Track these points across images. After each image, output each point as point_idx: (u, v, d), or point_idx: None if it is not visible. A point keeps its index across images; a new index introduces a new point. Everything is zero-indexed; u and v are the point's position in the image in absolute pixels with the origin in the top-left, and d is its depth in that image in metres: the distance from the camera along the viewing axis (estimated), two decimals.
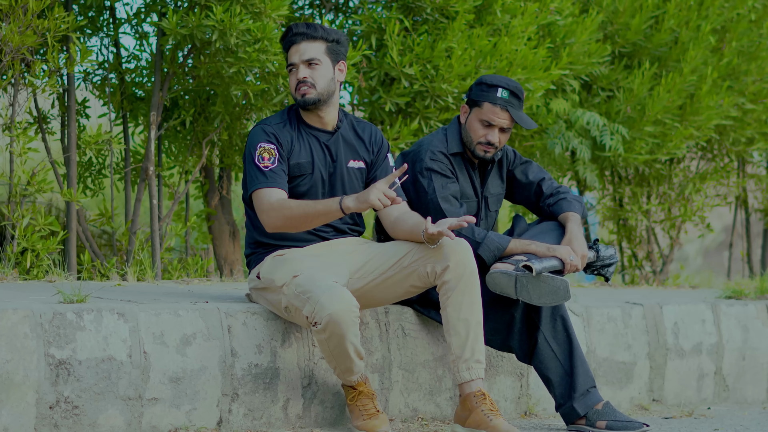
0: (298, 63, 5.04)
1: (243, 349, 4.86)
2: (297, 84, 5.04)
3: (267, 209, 4.90)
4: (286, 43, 5.08)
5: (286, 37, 5.08)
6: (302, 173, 5.03)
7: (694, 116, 8.00)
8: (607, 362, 6.01)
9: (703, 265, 16.15)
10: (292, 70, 5.06)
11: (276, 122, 5.08)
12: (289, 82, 5.09)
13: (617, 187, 8.73)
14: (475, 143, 5.36)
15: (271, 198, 4.90)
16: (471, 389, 4.91)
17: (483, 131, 5.34)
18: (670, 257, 8.90)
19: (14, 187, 6.08)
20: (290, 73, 5.08)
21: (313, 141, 5.08)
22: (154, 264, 6.40)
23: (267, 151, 4.97)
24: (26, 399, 4.37)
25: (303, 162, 5.03)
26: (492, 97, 5.32)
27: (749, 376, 6.61)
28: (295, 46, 5.05)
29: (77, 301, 4.64)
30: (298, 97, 5.04)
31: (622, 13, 7.93)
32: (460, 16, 6.73)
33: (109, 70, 6.69)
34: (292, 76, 5.06)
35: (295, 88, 5.05)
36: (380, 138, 5.21)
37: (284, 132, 5.04)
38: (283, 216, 4.87)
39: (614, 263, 5.39)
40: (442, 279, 4.91)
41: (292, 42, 5.06)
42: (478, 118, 5.35)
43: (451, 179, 5.33)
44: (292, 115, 5.13)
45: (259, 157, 4.96)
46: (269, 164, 4.95)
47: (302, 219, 4.87)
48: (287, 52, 5.09)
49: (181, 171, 6.96)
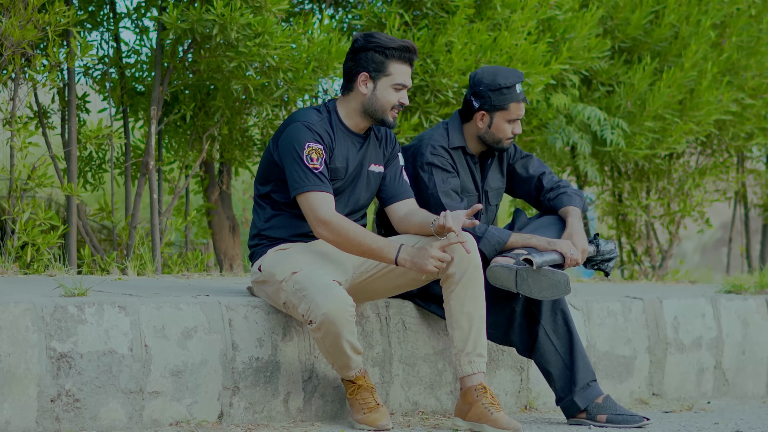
0: (408, 87, 5.01)
1: (244, 342, 4.86)
2: (398, 106, 4.99)
3: (323, 220, 4.80)
4: (402, 57, 4.97)
5: (403, 51, 4.97)
6: (336, 178, 4.98)
7: (693, 111, 8.00)
8: (608, 356, 6.01)
9: (701, 261, 16.16)
10: (398, 89, 4.97)
11: (316, 120, 4.95)
12: (386, 96, 4.96)
13: (616, 183, 8.73)
14: (504, 140, 5.38)
15: (328, 209, 4.82)
16: (472, 383, 4.92)
17: (511, 127, 5.36)
18: (669, 252, 8.90)
19: (15, 181, 6.08)
20: (393, 90, 4.96)
21: (349, 145, 5.02)
22: (154, 258, 6.40)
23: (315, 152, 4.87)
24: (28, 392, 4.37)
25: (339, 167, 4.97)
26: (515, 96, 5.33)
27: (749, 371, 6.62)
28: (410, 68, 4.99)
29: (78, 295, 4.64)
30: (390, 118, 4.98)
31: (622, 8, 7.94)
32: (460, 10, 6.74)
33: (109, 64, 6.69)
34: (396, 94, 4.97)
35: (392, 106, 4.97)
36: (393, 138, 5.20)
37: (325, 133, 4.94)
38: (336, 235, 4.81)
39: (614, 258, 5.40)
40: (445, 272, 4.91)
41: (408, 62, 4.99)
42: (505, 120, 5.35)
43: (451, 173, 5.34)
44: (330, 114, 5.03)
45: (308, 157, 4.85)
46: (318, 165, 4.85)
47: (353, 247, 4.83)
48: (398, 66, 4.97)
49: (181, 166, 6.96)
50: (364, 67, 4.97)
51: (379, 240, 4.82)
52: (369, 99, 4.97)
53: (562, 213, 5.43)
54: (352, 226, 4.81)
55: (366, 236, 4.81)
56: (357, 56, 4.99)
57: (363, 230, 4.82)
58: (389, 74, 4.96)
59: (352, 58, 5.01)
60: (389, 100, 4.97)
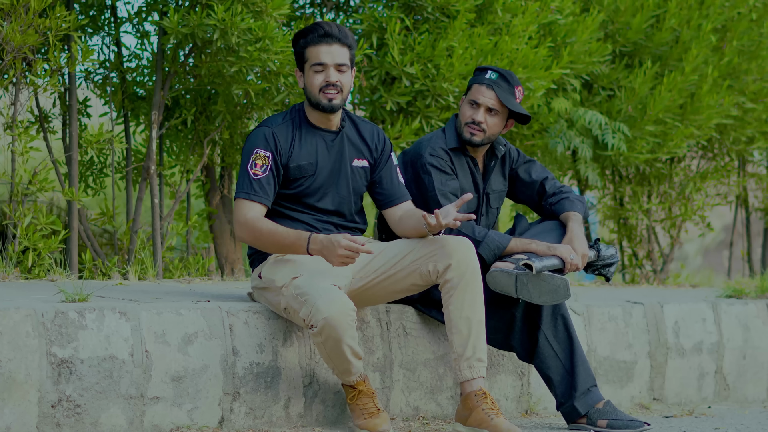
0: (330, 65, 4.97)
1: (244, 348, 4.86)
2: (326, 85, 4.97)
3: (241, 222, 4.91)
4: (313, 40, 4.98)
5: (313, 33, 4.97)
6: (303, 175, 5.01)
7: (694, 115, 8.00)
8: (608, 361, 6.01)
9: (703, 264, 16.15)
10: (318, 70, 4.97)
11: (278, 123, 5.03)
12: (311, 80, 4.97)
13: (618, 186, 8.73)
14: (463, 125, 5.38)
15: (248, 213, 4.90)
16: (472, 388, 4.92)
17: (470, 112, 5.36)
18: (670, 256, 8.90)
19: (16, 186, 6.09)
20: (314, 73, 4.97)
21: (318, 141, 5.05)
22: (155, 263, 6.40)
23: (261, 158, 4.94)
24: (28, 398, 4.38)
25: (304, 164, 5.01)
26: (480, 79, 5.39)
27: (750, 375, 6.62)
28: (327, 46, 4.96)
29: (79, 300, 4.65)
30: (324, 100, 4.97)
31: (623, 12, 7.93)
32: (461, 15, 6.74)
33: (110, 69, 6.70)
34: (319, 75, 4.96)
35: (320, 88, 4.97)
36: (383, 137, 5.21)
37: (286, 133, 5.01)
38: (252, 236, 4.90)
39: (615, 263, 5.40)
40: (444, 277, 4.92)
41: (323, 41, 4.97)
42: (467, 101, 5.39)
43: (450, 176, 5.34)
44: (296, 114, 5.08)
45: (252, 163, 4.94)
46: (260, 173, 4.93)
47: (269, 245, 4.91)
48: (311, 49, 4.98)
49: (182, 170, 6.96)
50: (296, 65, 5.07)
51: (290, 234, 4.86)
52: (306, 90, 5.03)
53: (563, 218, 5.43)
54: (266, 225, 4.88)
55: (278, 233, 4.87)
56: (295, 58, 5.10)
57: (276, 227, 4.88)
58: (307, 59, 5.01)
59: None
60: (313, 83, 4.99)
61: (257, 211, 4.91)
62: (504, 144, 5.55)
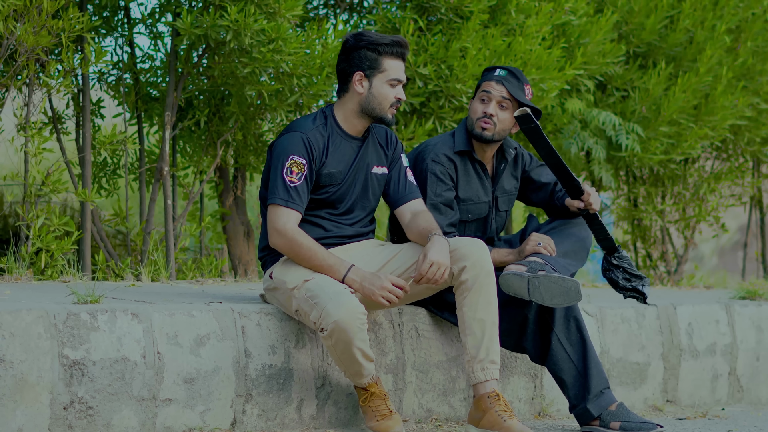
0: (403, 82, 5.02)
1: (257, 349, 4.86)
2: (396, 102, 5.00)
3: (280, 230, 4.85)
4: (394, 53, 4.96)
5: (397, 47, 4.96)
6: (332, 183, 4.99)
7: (709, 116, 7.99)
8: (621, 363, 6.00)
9: (719, 264, 16.12)
10: (393, 84, 4.96)
11: (310, 128, 4.95)
12: (384, 92, 4.95)
13: (632, 187, 8.72)
14: (475, 121, 5.37)
15: (288, 222, 4.85)
16: (485, 390, 4.91)
17: (481, 107, 5.37)
18: (684, 257, 8.88)
19: (29, 187, 6.10)
20: (391, 87, 4.96)
21: (347, 149, 5.02)
22: (168, 264, 6.40)
23: (297, 165, 4.88)
24: (40, 399, 4.38)
25: (335, 172, 4.97)
26: (489, 76, 5.40)
27: (763, 377, 6.60)
28: (402, 62, 5.00)
29: (91, 302, 4.65)
30: (389, 115, 4.99)
31: (637, 13, 7.92)
32: (474, 16, 6.73)
33: (123, 70, 6.70)
34: (393, 90, 4.97)
35: (390, 104, 4.98)
36: (395, 139, 5.20)
37: (319, 139, 4.95)
38: (289, 246, 4.85)
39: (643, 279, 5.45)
40: (458, 279, 4.91)
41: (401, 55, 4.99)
42: (478, 99, 5.40)
43: (447, 186, 5.34)
44: (329, 119, 5.02)
45: (288, 170, 4.88)
46: (296, 180, 4.87)
47: (304, 260, 4.86)
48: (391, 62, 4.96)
49: (195, 171, 6.96)
50: (358, 66, 4.97)
51: (329, 258, 4.83)
52: (366, 98, 4.97)
53: (568, 203, 5.46)
54: (306, 240, 4.84)
55: (318, 252, 4.83)
56: (350, 56, 4.99)
57: (315, 245, 4.84)
58: (384, 70, 4.96)
59: (344, 59, 5.01)
60: (386, 97, 4.96)
61: (295, 220, 4.87)
62: (515, 147, 5.55)
